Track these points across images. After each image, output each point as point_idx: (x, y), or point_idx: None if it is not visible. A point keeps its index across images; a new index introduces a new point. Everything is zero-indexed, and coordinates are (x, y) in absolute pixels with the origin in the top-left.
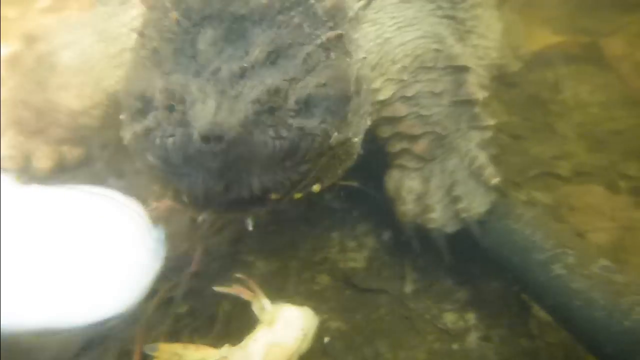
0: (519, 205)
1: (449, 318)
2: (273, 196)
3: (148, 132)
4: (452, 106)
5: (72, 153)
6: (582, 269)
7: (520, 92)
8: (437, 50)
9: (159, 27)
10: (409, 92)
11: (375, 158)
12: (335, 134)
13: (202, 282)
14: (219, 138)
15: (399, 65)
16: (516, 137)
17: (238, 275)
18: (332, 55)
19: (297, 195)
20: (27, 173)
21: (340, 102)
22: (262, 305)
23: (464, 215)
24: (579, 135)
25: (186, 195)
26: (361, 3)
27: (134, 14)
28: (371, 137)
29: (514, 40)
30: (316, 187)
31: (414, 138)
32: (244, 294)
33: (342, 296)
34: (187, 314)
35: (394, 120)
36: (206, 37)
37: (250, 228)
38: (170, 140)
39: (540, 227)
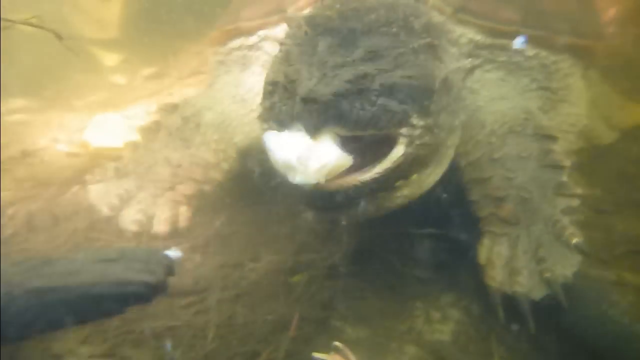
0: (613, 290)
1: None
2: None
3: (273, 105)
4: (538, 171)
5: (186, 215)
6: None
7: (603, 165)
8: (525, 119)
9: (292, 37)
10: (496, 154)
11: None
12: (415, 116)
13: (299, 346)
14: (313, 100)
15: (488, 129)
16: (599, 211)
17: (336, 343)
18: (422, 57)
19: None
20: (146, 236)
21: (423, 93)
22: None
23: (547, 275)
24: None
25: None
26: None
27: (256, 80)
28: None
29: (605, 111)
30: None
31: (499, 201)
32: None
33: None
34: None
35: (480, 181)
36: (324, 43)
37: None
38: (284, 107)
39: (639, 315)
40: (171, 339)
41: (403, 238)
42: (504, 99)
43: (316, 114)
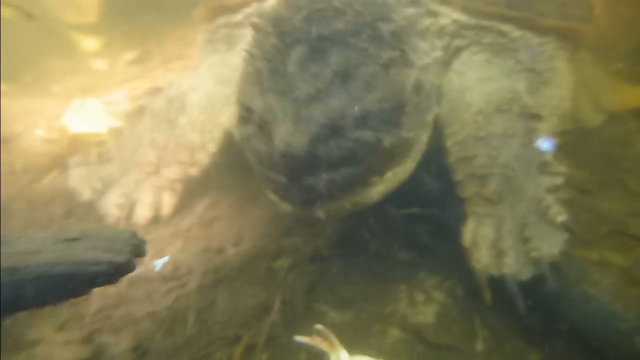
0: (594, 269)
1: None
2: (338, 194)
3: (249, 138)
4: (522, 149)
5: (170, 202)
6: None
7: (588, 146)
8: (512, 99)
9: (261, 48)
10: (481, 133)
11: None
12: (388, 137)
13: (281, 331)
14: (291, 156)
15: (475, 108)
16: (584, 192)
17: (318, 326)
18: (392, 71)
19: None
20: (129, 221)
21: (394, 111)
22: (340, 357)
23: (534, 254)
24: None
25: (272, 190)
26: (430, 21)
27: (240, 59)
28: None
29: (595, 93)
30: (377, 180)
31: (483, 180)
32: (322, 345)
33: (413, 351)
34: None
35: (465, 160)
36: (294, 58)
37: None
38: (261, 148)
39: (620, 294)
40: (151, 325)
41: (386, 221)
42: (491, 80)
43: (294, 166)
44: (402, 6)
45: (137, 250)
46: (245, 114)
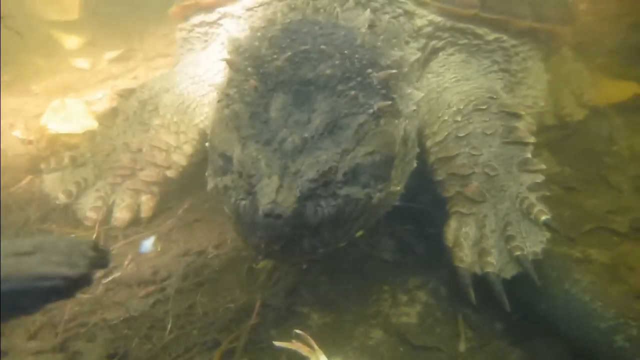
0: (575, 269)
1: None
2: (321, 250)
3: (226, 189)
4: (503, 148)
5: (148, 204)
6: None
7: (572, 142)
8: (490, 98)
9: (240, 90)
10: (462, 133)
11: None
12: (378, 194)
13: (261, 334)
14: (278, 216)
15: (454, 108)
16: (568, 188)
17: (297, 330)
18: (382, 122)
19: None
20: (107, 224)
21: (384, 165)
22: None
23: (517, 253)
24: (634, 189)
25: (251, 246)
26: (415, 57)
27: (214, 59)
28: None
29: (577, 88)
30: (359, 233)
31: (465, 179)
32: (302, 349)
33: (396, 352)
34: None
35: (446, 160)
36: (277, 102)
37: (305, 267)
38: (242, 203)
39: (600, 293)
40: (127, 331)
41: None
42: (468, 80)
43: (280, 227)
44: (390, 49)
45: (98, 261)
46: (221, 163)
